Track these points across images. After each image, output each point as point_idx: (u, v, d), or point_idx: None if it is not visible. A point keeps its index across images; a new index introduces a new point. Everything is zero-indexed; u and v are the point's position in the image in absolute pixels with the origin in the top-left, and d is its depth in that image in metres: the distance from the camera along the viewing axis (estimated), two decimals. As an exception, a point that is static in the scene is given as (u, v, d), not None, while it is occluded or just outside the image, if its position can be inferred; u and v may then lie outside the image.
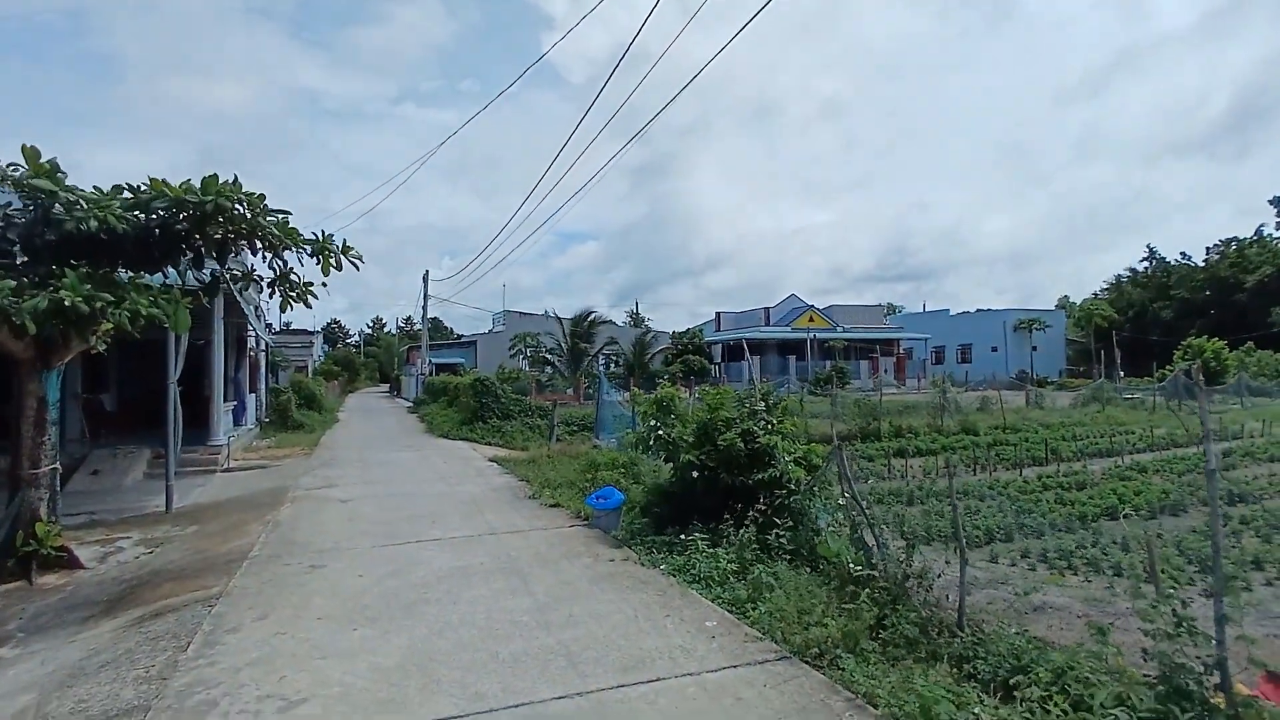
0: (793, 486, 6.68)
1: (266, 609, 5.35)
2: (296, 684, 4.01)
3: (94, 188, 6.68)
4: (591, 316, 36.39)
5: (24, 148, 6.44)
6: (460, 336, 64.46)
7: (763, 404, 7.42)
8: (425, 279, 41.64)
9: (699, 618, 4.99)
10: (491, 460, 14.34)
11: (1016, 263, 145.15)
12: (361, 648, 4.55)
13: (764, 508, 6.37)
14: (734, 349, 47.80)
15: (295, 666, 4.26)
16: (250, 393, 20.88)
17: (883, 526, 5.61)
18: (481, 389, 20.93)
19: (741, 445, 6.84)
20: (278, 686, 3.98)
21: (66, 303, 5.74)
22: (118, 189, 6.77)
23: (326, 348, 75.07)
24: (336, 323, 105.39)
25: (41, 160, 6.39)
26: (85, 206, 6.33)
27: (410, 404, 35.90)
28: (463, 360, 49.24)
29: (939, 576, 4.99)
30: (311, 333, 55.20)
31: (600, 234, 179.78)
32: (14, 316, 5.60)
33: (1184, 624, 3.54)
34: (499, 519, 8.59)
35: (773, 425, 7.12)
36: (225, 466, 13.60)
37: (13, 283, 5.70)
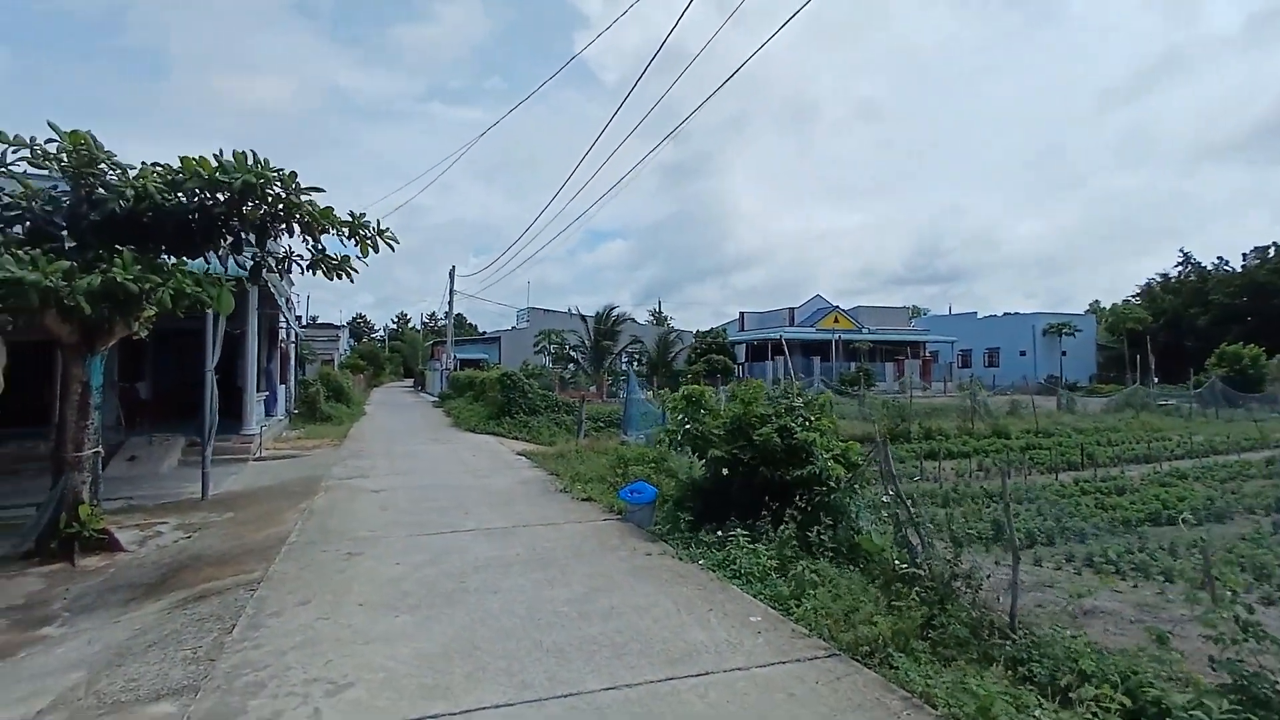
0: (832, 484, 6.57)
1: (307, 594, 5.35)
2: (342, 668, 3.99)
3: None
4: (615, 314, 36.41)
5: (50, 123, 6.47)
6: (484, 333, 64.83)
7: (799, 400, 7.32)
8: (451, 275, 41.95)
9: (742, 613, 4.91)
10: (520, 454, 14.35)
11: (1048, 267, 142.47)
12: (403, 634, 4.53)
13: (803, 504, 6.27)
14: (757, 349, 47.58)
15: (339, 651, 4.25)
16: (281, 384, 21.13)
17: (928, 525, 5.49)
18: (509, 384, 20.98)
19: (779, 441, 6.74)
20: (324, 670, 3.96)
21: (119, 279, 5.82)
22: (151, 166, 6.84)
23: (352, 342, 75.92)
24: (362, 317, 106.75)
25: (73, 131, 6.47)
26: (124, 175, 6.42)
27: (435, 398, 36.14)
28: (486, 356, 49.55)
29: (989, 577, 4.87)
30: (338, 326, 55.95)
31: (629, 232, 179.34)
32: (66, 298, 5.67)
33: (1250, 629, 3.39)
34: (531, 511, 8.57)
35: (810, 422, 7.02)
36: (257, 455, 13.77)
37: (66, 263, 5.76)
